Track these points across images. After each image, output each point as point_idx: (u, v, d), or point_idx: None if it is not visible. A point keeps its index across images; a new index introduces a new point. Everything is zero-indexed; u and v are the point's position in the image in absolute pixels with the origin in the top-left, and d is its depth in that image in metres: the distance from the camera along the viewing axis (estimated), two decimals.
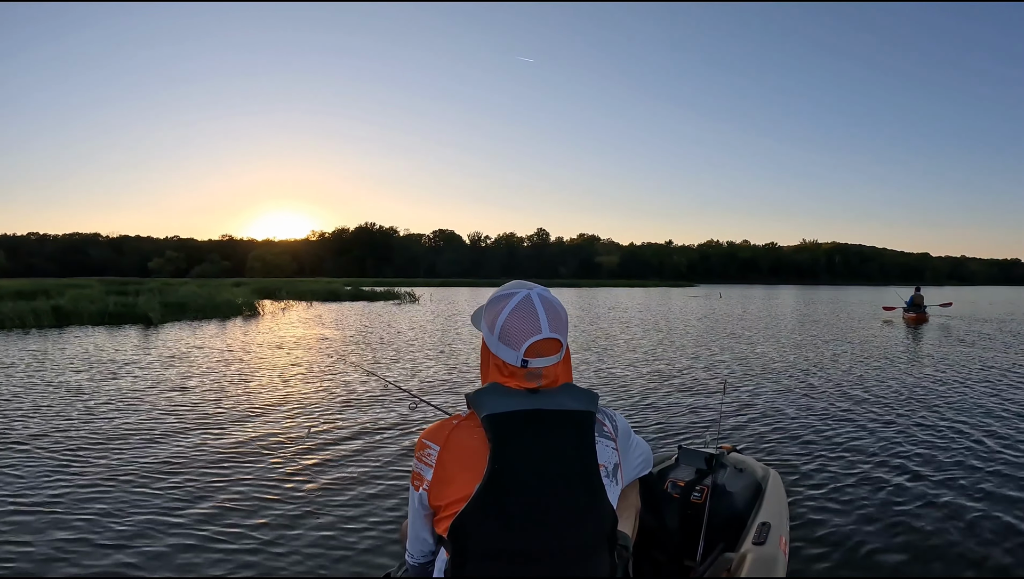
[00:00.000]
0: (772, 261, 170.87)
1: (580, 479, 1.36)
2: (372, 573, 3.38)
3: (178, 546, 3.69)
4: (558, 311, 1.45)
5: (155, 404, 7.47)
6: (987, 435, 6.42)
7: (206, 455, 5.44)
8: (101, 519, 4.05)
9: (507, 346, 1.40)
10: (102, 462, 5.23)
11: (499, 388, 1.40)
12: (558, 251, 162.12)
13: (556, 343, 1.42)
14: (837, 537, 3.91)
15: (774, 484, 3.05)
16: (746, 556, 2.29)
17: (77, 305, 19.32)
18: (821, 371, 10.74)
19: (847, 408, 7.65)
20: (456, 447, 1.38)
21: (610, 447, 1.46)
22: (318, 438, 6.06)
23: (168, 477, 4.86)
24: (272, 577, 3.36)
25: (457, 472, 1.35)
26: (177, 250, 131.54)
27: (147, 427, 6.38)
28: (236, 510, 4.24)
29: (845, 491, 4.71)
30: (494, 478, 1.30)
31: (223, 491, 4.58)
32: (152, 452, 5.53)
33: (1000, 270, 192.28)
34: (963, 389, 9.08)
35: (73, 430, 6.25)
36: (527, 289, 1.46)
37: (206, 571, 3.41)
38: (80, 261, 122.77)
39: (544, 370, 1.42)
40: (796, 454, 5.69)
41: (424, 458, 1.41)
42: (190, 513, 4.17)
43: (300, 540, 3.78)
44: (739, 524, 2.66)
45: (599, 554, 1.39)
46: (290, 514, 4.18)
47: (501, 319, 1.42)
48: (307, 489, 4.64)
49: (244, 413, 7.08)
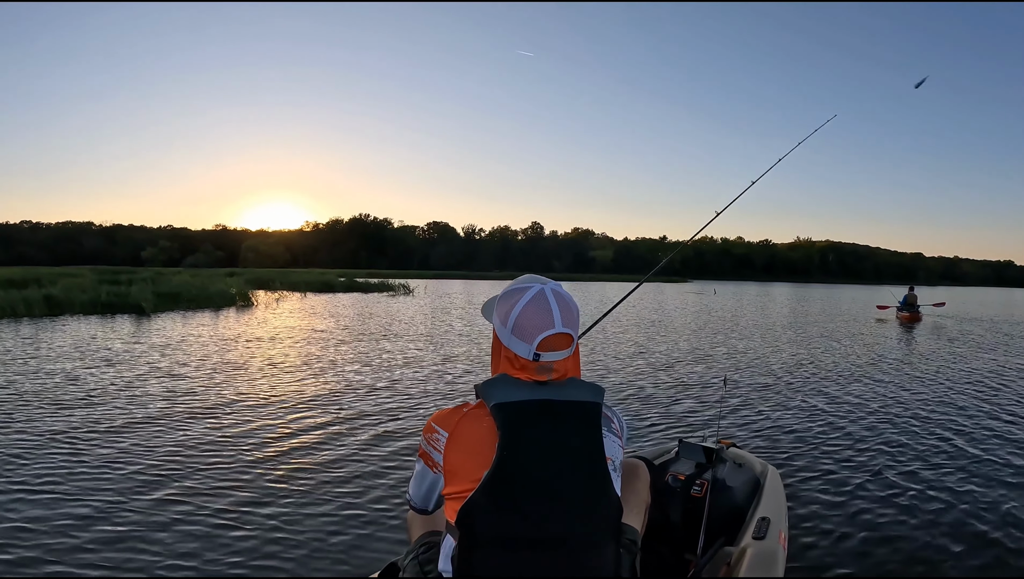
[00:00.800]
0: (766, 258, 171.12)
1: (588, 469, 1.37)
2: (377, 562, 3.33)
3: (162, 539, 3.64)
4: (570, 306, 1.47)
5: (143, 394, 7.40)
6: (984, 432, 6.46)
7: (192, 447, 5.39)
8: (87, 512, 4.00)
9: (520, 340, 1.43)
10: (90, 453, 5.18)
11: (509, 379, 1.42)
12: (552, 245, 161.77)
13: (568, 338, 1.45)
14: (835, 532, 3.93)
15: (773, 479, 3.07)
16: (746, 550, 2.30)
17: (69, 294, 19.09)
18: (819, 368, 10.78)
19: (845, 405, 7.68)
20: (464, 435, 1.39)
21: (616, 443, 1.48)
22: (310, 431, 6.02)
23: (156, 467, 4.82)
24: (270, 576, 3.30)
25: (463, 460, 1.37)
26: (170, 240, 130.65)
27: (135, 418, 6.32)
28: (225, 502, 4.19)
29: (843, 487, 4.73)
30: (503, 465, 1.31)
31: (213, 483, 4.54)
32: (138, 444, 5.48)
33: (993, 271, 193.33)
34: (958, 387, 9.15)
35: (60, 419, 6.19)
36: (541, 284, 1.48)
37: (185, 566, 3.36)
38: (73, 250, 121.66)
39: (555, 364, 1.44)
40: (794, 450, 5.71)
41: (432, 442, 1.43)
42: (176, 505, 4.13)
43: (300, 534, 3.73)
44: (739, 518, 2.67)
45: (605, 544, 1.40)
46: (286, 507, 4.13)
47: (515, 313, 1.44)
48: (301, 482, 4.60)
49: (233, 404, 7.03)
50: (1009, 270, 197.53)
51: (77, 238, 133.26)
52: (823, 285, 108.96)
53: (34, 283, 22.68)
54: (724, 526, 2.62)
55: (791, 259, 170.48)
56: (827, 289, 79.35)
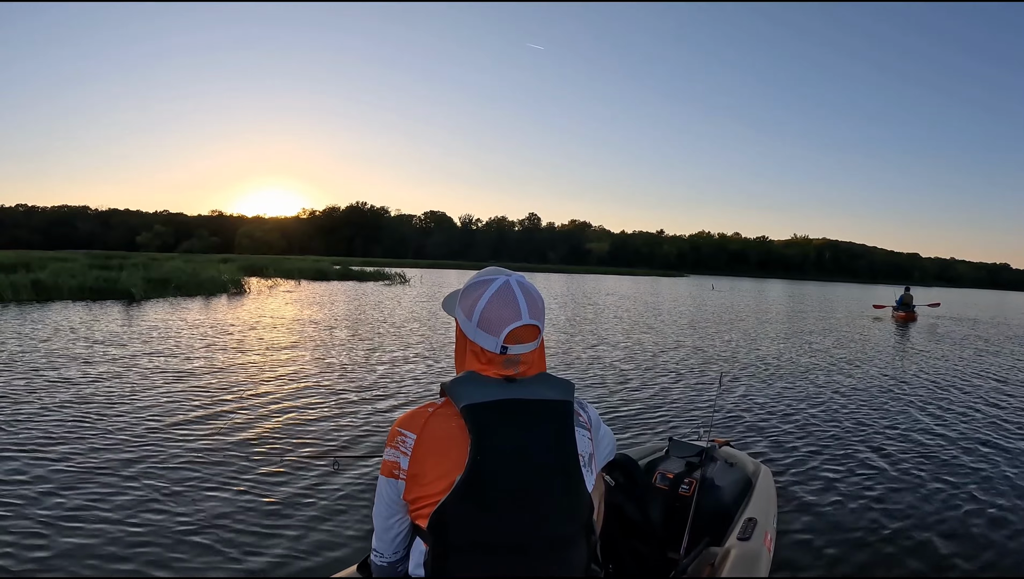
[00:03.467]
0: (762, 254, 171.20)
1: (561, 469, 1.36)
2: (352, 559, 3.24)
3: (144, 538, 3.54)
4: (536, 298, 1.45)
5: (117, 387, 7.25)
6: (981, 432, 6.47)
7: (161, 443, 5.28)
8: (70, 508, 3.88)
9: (486, 333, 1.40)
10: (57, 451, 5.07)
11: (476, 377, 1.38)
12: (548, 236, 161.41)
13: (535, 329, 1.43)
14: (826, 535, 3.88)
15: (764, 480, 3.07)
16: (730, 551, 2.30)
17: (58, 279, 18.71)
18: (817, 367, 10.76)
19: (843, 405, 7.64)
20: (433, 436, 1.34)
21: (586, 437, 1.46)
22: (294, 427, 5.93)
23: (122, 464, 4.72)
24: (246, 574, 3.21)
25: (434, 462, 1.33)
26: (166, 225, 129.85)
27: (109, 413, 6.18)
28: (197, 502, 4.10)
29: (837, 489, 4.67)
30: (475, 469, 1.28)
31: (197, 480, 4.45)
32: (112, 439, 5.37)
33: (988, 273, 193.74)
34: (955, 388, 9.15)
35: (34, 410, 6.07)
36: (505, 276, 1.46)
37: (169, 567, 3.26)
38: (67, 234, 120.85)
39: (523, 357, 1.42)
40: (789, 450, 5.64)
41: (399, 446, 1.37)
42: (159, 503, 4.03)
43: (275, 535, 3.63)
44: (726, 519, 2.67)
45: (578, 543, 1.39)
46: (263, 501, 4.05)
47: (480, 305, 1.41)
48: (273, 478, 4.50)
49: (212, 400, 6.91)
50: (1004, 273, 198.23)
51: (72, 222, 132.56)
52: (818, 282, 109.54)
53: (24, 267, 22.36)
54: (711, 526, 2.61)
55: (787, 256, 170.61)
56: (822, 287, 79.77)
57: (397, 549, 1.47)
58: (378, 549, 1.48)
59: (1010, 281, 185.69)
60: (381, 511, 1.44)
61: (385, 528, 1.45)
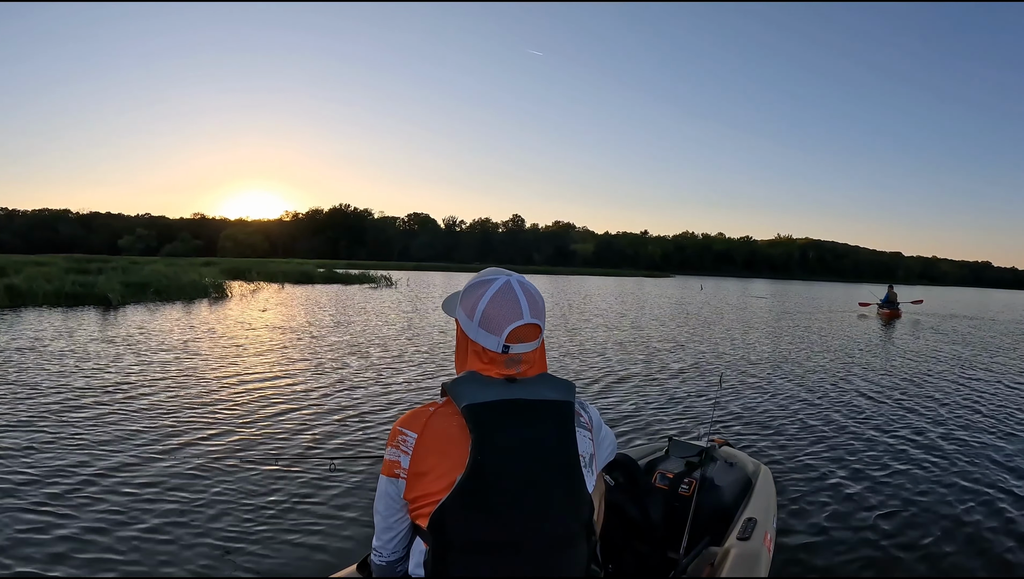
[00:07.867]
0: (746, 254, 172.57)
1: (562, 469, 1.36)
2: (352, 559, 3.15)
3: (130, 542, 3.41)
4: (536, 298, 1.46)
5: (106, 393, 7.02)
6: (979, 431, 6.43)
7: (132, 455, 5.10)
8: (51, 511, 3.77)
9: (488, 332, 1.41)
10: (57, 451, 4.90)
11: (477, 377, 1.39)
12: (533, 238, 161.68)
13: (536, 328, 1.44)
14: (825, 535, 3.84)
15: (764, 479, 3.05)
16: (729, 551, 2.30)
17: (32, 284, 17.95)
18: (813, 365, 10.80)
19: (841, 404, 7.62)
20: (434, 435, 1.35)
21: (587, 438, 1.46)
22: (289, 429, 5.79)
23: (91, 481, 4.53)
24: (244, 574, 3.17)
25: (435, 461, 1.33)
26: (148, 228, 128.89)
27: (72, 428, 5.88)
28: (190, 500, 3.98)
29: (837, 489, 4.61)
30: (477, 469, 1.29)
31: (195, 481, 4.36)
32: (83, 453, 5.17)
33: (971, 272, 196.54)
34: (950, 385, 9.21)
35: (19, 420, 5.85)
36: (506, 276, 1.47)
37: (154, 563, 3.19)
38: (48, 238, 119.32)
39: (524, 356, 1.43)
40: (790, 449, 5.58)
41: (400, 445, 1.37)
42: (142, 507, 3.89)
43: (275, 536, 3.59)
44: (726, 518, 2.67)
45: (578, 543, 1.40)
46: (258, 503, 3.98)
47: (482, 305, 1.42)
48: (280, 487, 4.35)
49: (205, 402, 6.73)
50: (987, 271, 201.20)
51: (53, 225, 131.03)
52: (803, 282, 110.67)
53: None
54: (710, 526, 2.61)
55: (771, 255, 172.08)
56: (807, 286, 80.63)
57: (397, 548, 1.47)
58: (378, 548, 1.48)
59: (993, 279, 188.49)
60: (381, 510, 1.44)
61: (385, 527, 1.45)
